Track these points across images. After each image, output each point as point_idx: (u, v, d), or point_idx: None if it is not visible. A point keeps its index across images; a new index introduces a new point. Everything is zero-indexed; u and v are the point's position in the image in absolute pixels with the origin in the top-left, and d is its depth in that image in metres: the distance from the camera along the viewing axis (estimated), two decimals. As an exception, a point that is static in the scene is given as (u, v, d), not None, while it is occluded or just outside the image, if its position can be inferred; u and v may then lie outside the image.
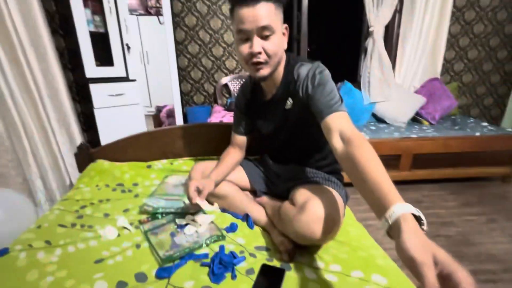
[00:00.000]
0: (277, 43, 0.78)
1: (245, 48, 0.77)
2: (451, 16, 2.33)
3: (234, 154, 1.07)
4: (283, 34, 0.81)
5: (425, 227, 0.45)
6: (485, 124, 2.18)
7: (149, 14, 4.10)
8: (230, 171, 1.04)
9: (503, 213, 1.67)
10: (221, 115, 2.16)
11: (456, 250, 1.35)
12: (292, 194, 0.87)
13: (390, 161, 1.95)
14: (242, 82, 2.55)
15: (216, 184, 0.98)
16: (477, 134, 1.95)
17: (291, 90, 0.84)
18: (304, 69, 0.81)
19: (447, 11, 2.26)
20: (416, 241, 0.40)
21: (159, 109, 3.06)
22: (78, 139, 1.69)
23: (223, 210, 1.03)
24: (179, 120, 2.40)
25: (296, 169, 0.99)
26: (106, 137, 1.80)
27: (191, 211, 0.97)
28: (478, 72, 2.57)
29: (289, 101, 0.86)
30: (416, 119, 2.36)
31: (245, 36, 0.76)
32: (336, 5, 3.69)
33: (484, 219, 1.61)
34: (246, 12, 0.73)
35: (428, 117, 2.27)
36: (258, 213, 0.97)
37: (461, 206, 1.77)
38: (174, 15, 2.32)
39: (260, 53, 0.76)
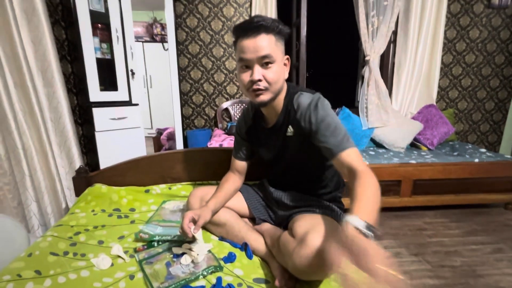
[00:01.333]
0: (278, 72, 0.80)
1: (246, 76, 0.80)
2: (443, 47, 2.44)
3: (233, 180, 1.06)
4: (285, 64, 0.85)
5: (372, 234, 0.53)
6: (483, 150, 2.19)
7: (154, 41, 4.30)
8: (229, 198, 1.03)
9: (509, 242, 1.62)
10: (221, 139, 2.18)
11: (463, 282, 1.30)
12: (291, 224, 0.85)
13: (390, 187, 1.94)
14: (243, 107, 2.61)
15: (214, 212, 0.96)
16: (476, 160, 1.96)
17: (291, 119, 0.86)
18: (304, 100, 0.83)
19: (438, 42, 2.37)
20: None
21: (160, 132, 3.09)
22: (78, 162, 1.69)
23: (221, 238, 1.00)
24: (179, 143, 2.42)
25: (296, 196, 0.98)
26: (106, 160, 1.80)
27: (188, 239, 0.95)
28: (472, 100, 2.64)
29: (290, 129, 0.88)
30: (414, 145, 2.38)
31: (246, 64, 0.80)
32: (333, 34, 3.88)
33: (489, 249, 1.57)
34: (247, 42, 0.77)
35: (426, 142, 2.29)
36: (257, 242, 0.94)
37: (465, 235, 1.72)
38: (178, 43, 2.43)
39: (260, 80, 0.79)
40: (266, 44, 0.76)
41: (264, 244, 0.93)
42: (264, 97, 0.81)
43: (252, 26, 0.76)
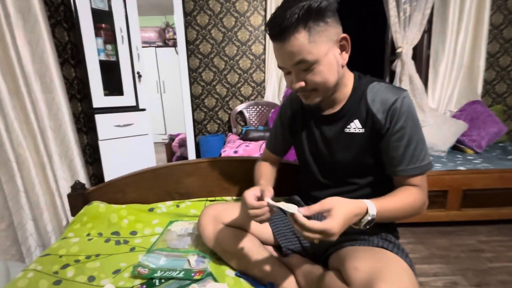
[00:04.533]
0: (324, 71, 0.62)
1: (289, 80, 0.67)
2: (488, 34, 2.12)
3: (270, 166, 0.92)
4: (342, 46, 0.63)
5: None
6: (544, 152, 1.85)
7: (167, 45, 4.22)
8: (274, 180, 0.88)
9: None
10: (236, 145, 1.98)
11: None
12: (338, 260, 0.64)
13: (435, 198, 1.65)
14: (259, 108, 2.41)
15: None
16: (541, 165, 1.63)
17: (360, 111, 0.68)
18: (387, 92, 0.66)
19: (483, 29, 2.06)
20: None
21: (172, 138, 2.95)
22: (81, 174, 1.55)
23: (239, 273, 0.79)
24: (191, 150, 2.25)
25: None
26: (111, 171, 1.65)
27: (197, 277, 0.74)
28: (525, 94, 2.29)
29: (354, 124, 0.69)
30: (456, 147, 2.07)
31: (285, 70, 0.66)
32: (356, 27, 3.59)
33: None
34: (278, 48, 0.62)
35: (472, 144, 1.97)
36: (286, 280, 0.73)
37: (535, 258, 1.41)
38: (188, 42, 2.27)
39: (302, 87, 0.64)
40: (297, 48, 0.59)
41: (295, 283, 0.72)
42: (313, 99, 0.67)
43: (275, 32, 0.60)
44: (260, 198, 0.66)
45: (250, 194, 0.66)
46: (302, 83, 0.63)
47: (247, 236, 0.82)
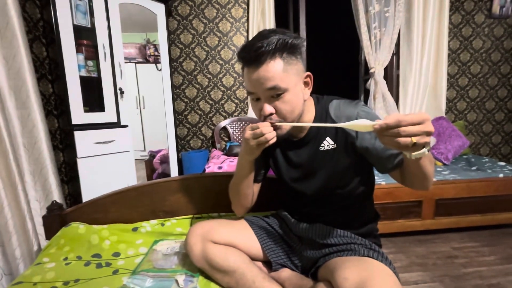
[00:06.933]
0: (292, 100, 0.67)
1: (256, 107, 0.71)
2: (447, 58, 2.36)
3: None
4: (305, 83, 0.71)
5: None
6: (502, 163, 2.04)
7: (147, 62, 4.20)
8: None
9: (555, 270, 1.42)
10: (220, 161, 1.98)
11: (521, 327, 1.08)
12: (327, 272, 0.66)
13: (411, 208, 1.74)
14: (242, 124, 2.45)
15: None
16: (501, 175, 1.79)
17: (330, 129, 0.72)
18: (350, 109, 0.70)
19: (443, 53, 2.30)
20: None
21: (152, 155, 2.87)
22: (56, 193, 1.46)
23: (229, 291, 0.78)
24: (174, 167, 2.21)
25: (325, 230, 0.78)
26: (90, 190, 1.57)
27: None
28: (481, 111, 2.54)
29: (327, 141, 0.73)
30: (427, 160, 2.22)
31: (255, 96, 0.69)
32: (331, 48, 3.83)
33: (536, 279, 1.35)
34: (251, 73, 0.66)
35: (441, 157, 2.13)
36: (276, 296, 0.73)
37: (503, 262, 1.51)
38: (172, 60, 2.29)
39: (271, 114, 0.67)
40: (272, 74, 0.63)
41: (285, 298, 0.72)
42: (281, 131, 0.70)
43: (251, 56, 0.64)
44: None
45: (249, 128, 0.69)
46: (273, 109, 0.66)
47: (236, 252, 0.81)
